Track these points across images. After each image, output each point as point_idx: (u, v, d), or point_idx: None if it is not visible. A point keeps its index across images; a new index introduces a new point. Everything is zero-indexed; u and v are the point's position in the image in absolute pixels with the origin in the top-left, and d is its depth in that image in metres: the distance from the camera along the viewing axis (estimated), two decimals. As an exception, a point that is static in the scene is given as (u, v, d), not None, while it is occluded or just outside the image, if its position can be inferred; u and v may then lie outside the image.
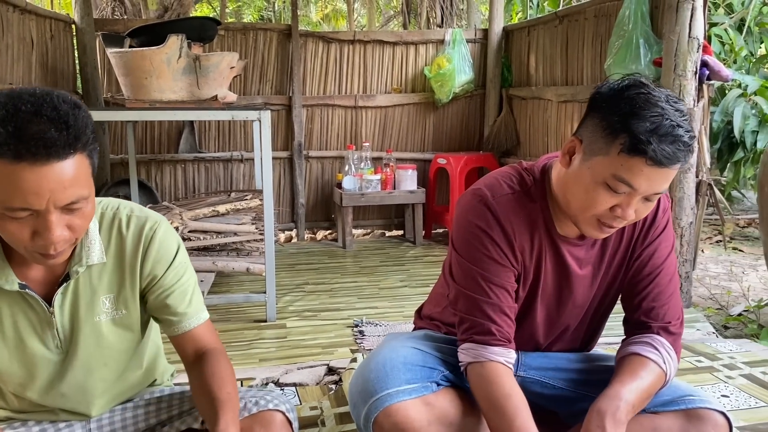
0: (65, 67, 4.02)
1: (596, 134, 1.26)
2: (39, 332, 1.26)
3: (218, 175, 4.62)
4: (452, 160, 4.50)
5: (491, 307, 1.39)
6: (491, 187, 1.42)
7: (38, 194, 1.03)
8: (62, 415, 1.38)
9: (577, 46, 3.96)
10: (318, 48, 4.66)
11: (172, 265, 1.31)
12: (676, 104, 1.23)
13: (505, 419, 1.30)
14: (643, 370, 1.36)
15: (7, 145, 1.00)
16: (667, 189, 1.48)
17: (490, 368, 1.36)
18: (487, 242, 1.39)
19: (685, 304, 3.12)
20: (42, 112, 1.02)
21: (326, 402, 2.04)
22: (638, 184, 1.23)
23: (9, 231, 1.07)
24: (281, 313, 3.03)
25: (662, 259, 1.46)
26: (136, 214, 1.31)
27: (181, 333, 1.33)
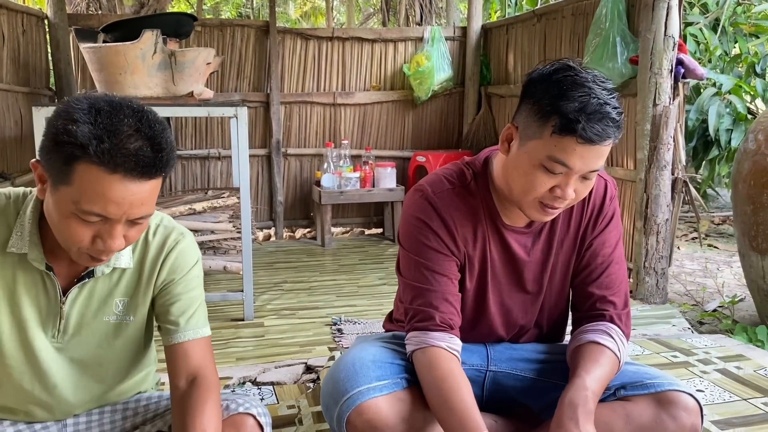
0: (38, 63, 3.94)
1: (530, 119, 1.31)
2: (43, 318, 1.26)
3: (195, 172, 4.57)
4: (431, 158, 4.50)
5: (433, 295, 1.43)
6: (432, 184, 1.48)
7: (119, 206, 1.08)
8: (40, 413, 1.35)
9: (555, 44, 3.98)
10: (296, 45, 4.63)
11: (186, 276, 1.33)
12: (603, 83, 1.28)
13: (442, 400, 1.32)
14: (603, 358, 1.40)
15: (109, 155, 1.04)
16: (614, 179, 1.52)
17: (430, 353, 1.39)
18: (428, 233, 1.44)
19: (661, 300, 3.15)
20: (141, 130, 1.07)
21: (304, 400, 2.02)
22: (573, 163, 1.27)
23: (72, 230, 1.10)
24: (259, 311, 3.01)
25: (612, 247, 1.52)
26: (165, 224, 1.34)
27: (175, 343, 1.31)
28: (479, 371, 1.58)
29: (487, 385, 1.59)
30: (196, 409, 1.23)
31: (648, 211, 3.09)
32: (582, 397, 1.30)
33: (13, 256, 1.21)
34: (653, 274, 3.13)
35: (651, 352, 2.47)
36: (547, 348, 1.62)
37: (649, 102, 3.04)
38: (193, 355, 1.31)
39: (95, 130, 1.04)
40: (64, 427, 1.38)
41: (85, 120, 1.05)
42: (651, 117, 3.04)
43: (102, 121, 1.05)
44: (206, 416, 1.23)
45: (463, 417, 1.28)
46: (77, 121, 1.04)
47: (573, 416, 1.27)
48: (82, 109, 1.06)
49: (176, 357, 1.31)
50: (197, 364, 1.30)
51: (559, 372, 1.53)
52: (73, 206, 1.08)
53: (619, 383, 1.47)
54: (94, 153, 1.04)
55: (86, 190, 1.06)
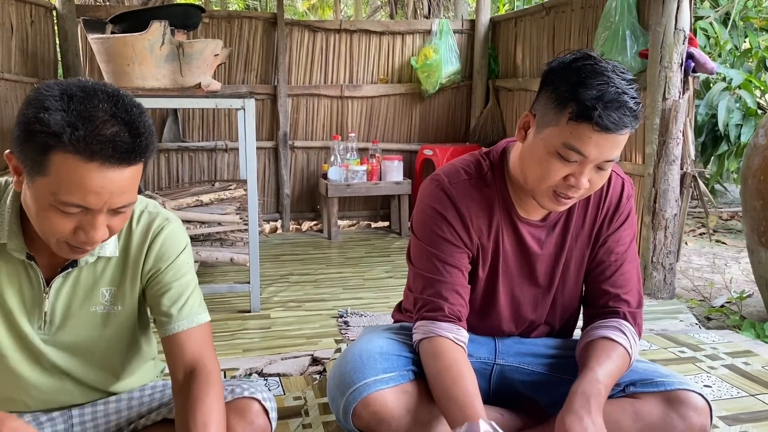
0: (46, 54, 3.95)
1: (547, 106, 1.31)
2: (27, 309, 1.24)
3: (202, 164, 4.57)
4: (438, 151, 4.49)
5: (443, 286, 1.43)
6: (448, 174, 1.48)
7: (99, 195, 1.04)
8: (43, 402, 1.35)
9: (564, 37, 3.96)
10: (304, 37, 4.62)
11: (174, 263, 1.29)
12: (623, 74, 1.28)
13: (444, 389, 1.32)
14: (615, 354, 1.40)
15: (85, 143, 1.00)
16: (631, 179, 1.51)
17: (436, 342, 1.39)
18: (442, 224, 1.44)
19: (669, 296, 3.14)
20: (117, 115, 1.03)
21: (310, 392, 2.02)
22: (588, 151, 1.26)
23: (52, 222, 1.07)
24: (265, 303, 3.01)
25: (627, 245, 1.51)
26: (149, 210, 1.30)
27: (170, 335, 1.28)
28: (486, 364, 1.58)
29: (494, 378, 1.59)
30: (196, 402, 1.20)
31: (656, 205, 3.07)
32: (595, 389, 1.30)
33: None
34: (661, 269, 3.12)
35: (658, 347, 2.46)
36: (556, 343, 1.62)
37: (659, 96, 3.01)
38: (189, 345, 1.27)
39: (68, 117, 1.00)
40: (70, 418, 1.38)
41: (57, 107, 1.01)
42: (660, 111, 3.02)
43: (75, 108, 1.01)
44: (206, 408, 1.19)
45: (464, 405, 1.28)
46: (49, 109, 1.00)
47: (585, 405, 1.27)
48: (54, 96, 1.02)
49: (172, 348, 1.28)
50: (194, 355, 1.27)
51: (567, 367, 1.52)
52: (51, 198, 1.04)
53: (629, 380, 1.47)
54: (68, 141, 1.00)
55: (63, 181, 1.02)
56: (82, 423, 1.39)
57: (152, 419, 1.39)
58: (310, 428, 1.81)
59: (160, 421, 1.38)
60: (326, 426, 1.81)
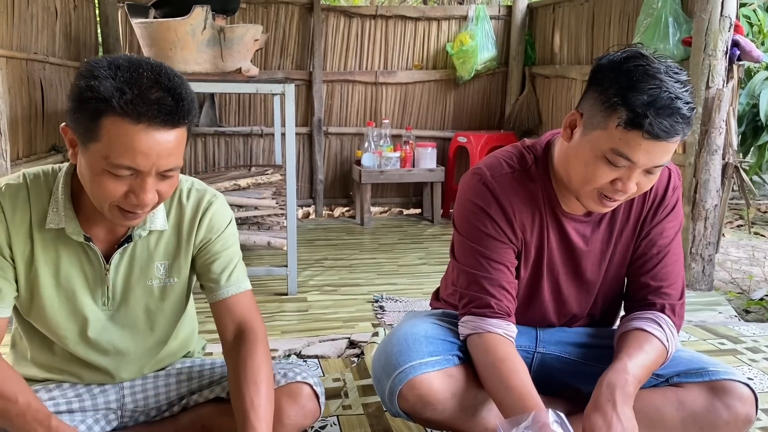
0: (87, 38, 4.02)
1: (595, 108, 1.26)
2: (90, 287, 1.31)
3: (238, 149, 4.62)
4: (473, 139, 4.47)
5: (490, 282, 1.41)
6: (491, 167, 1.44)
7: (147, 156, 1.10)
8: (97, 377, 1.40)
9: (604, 24, 3.90)
10: (339, 23, 4.62)
11: (222, 234, 1.37)
12: (676, 75, 1.22)
13: (500, 380, 1.32)
14: (648, 345, 1.38)
15: (132, 105, 1.06)
16: (678, 168, 1.48)
17: (487, 338, 1.39)
18: (485, 220, 1.41)
19: (707, 287, 3.10)
20: (160, 81, 1.10)
21: (349, 374, 2.05)
22: (637, 158, 1.23)
23: (105, 186, 1.13)
24: (302, 287, 3.05)
25: (670, 238, 1.47)
26: (196, 187, 1.38)
27: (220, 300, 1.35)
28: (527, 352, 1.58)
29: (534, 366, 1.59)
30: (246, 360, 1.28)
31: (696, 196, 3.03)
32: (621, 380, 1.28)
33: (53, 231, 1.25)
34: (700, 261, 3.08)
35: (697, 339, 2.44)
36: (597, 332, 1.60)
37: (702, 84, 2.96)
38: (237, 308, 1.35)
39: (117, 84, 1.07)
40: (121, 390, 1.44)
41: (106, 75, 1.08)
42: (703, 100, 2.96)
43: (122, 75, 1.08)
44: (256, 365, 1.27)
45: (522, 395, 1.27)
46: (98, 77, 1.07)
47: (611, 398, 1.26)
48: (102, 67, 1.09)
49: (222, 312, 1.36)
50: (242, 317, 1.35)
51: (607, 357, 1.50)
52: (104, 162, 1.10)
53: (674, 371, 1.45)
54: (117, 105, 1.06)
55: (114, 144, 1.08)
56: (133, 394, 1.44)
57: (205, 396, 1.44)
58: (350, 409, 1.84)
59: (213, 399, 1.43)
60: (366, 407, 1.84)
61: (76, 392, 1.40)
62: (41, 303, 1.28)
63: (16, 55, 2.94)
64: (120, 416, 1.44)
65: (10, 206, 1.22)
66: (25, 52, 3.06)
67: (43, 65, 3.28)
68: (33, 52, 3.18)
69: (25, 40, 3.10)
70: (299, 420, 1.38)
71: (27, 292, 1.28)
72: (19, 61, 2.99)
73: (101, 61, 1.10)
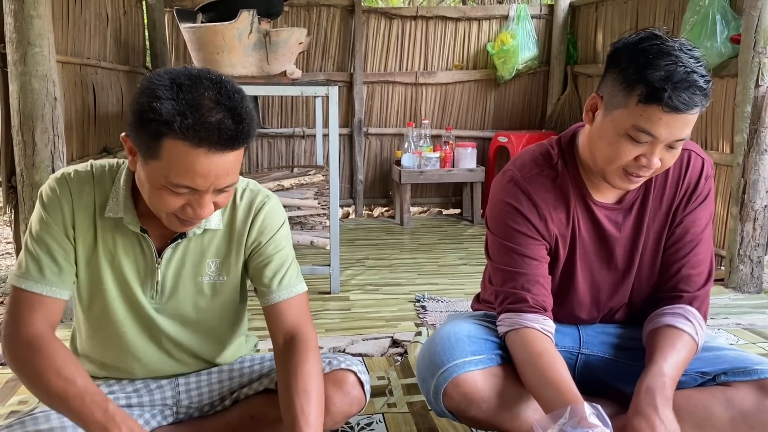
0: (136, 43, 4.13)
1: (615, 88, 1.30)
2: (142, 278, 1.34)
3: (280, 150, 4.69)
4: (513, 139, 4.45)
5: (524, 278, 1.43)
6: (520, 168, 1.48)
7: (206, 178, 1.13)
8: (151, 371, 1.44)
9: (649, 22, 3.84)
10: (380, 24, 4.66)
11: (274, 236, 1.38)
12: (690, 51, 1.25)
13: (538, 375, 1.34)
14: (680, 343, 1.38)
15: (193, 131, 1.08)
16: (709, 157, 1.48)
17: (524, 333, 1.40)
18: (517, 217, 1.44)
19: (756, 290, 3.03)
20: (221, 102, 1.11)
21: (393, 372, 2.08)
22: (658, 132, 1.26)
23: (164, 200, 1.17)
24: (344, 286, 3.09)
25: (702, 227, 1.49)
26: (251, 188, 1.39)
27: (271, 304, 1.37)
28: (571, 353, 1.58)
29: (578, 368, 1.59)
30: (296, 368, 1.27)
31: (745, 196, 2.97)
32: (660, 384, 1.29)
33: (111, 220, 1.29)
34: (748, 263, 3.02)
35: (746, 342, 2.39)
36: (638, 333, 1.60)
37: (751, 83, 2.90)
38: (288, 314, 1.35)
39: (178, 106, 1.08)
40: (177, 386, 1.47)
41: (167, 96, 1.09)
42: (752, 99, 2.90)
43: (184, 97, 1.09)
44: (306, 375, 1.26)
45: (560, 389, 1.29)
46: (160, 98, 1.08)
47: (652, 402, 1.26)
48: (164, 86, 1.10)
49: (273, 317, 1.36)
50: (293, 323, 1.35)
51: None
52: (164, 179, 1.13)
53: (720, 369, 1.44)
54: (179, 129, 1.08)
55: (174, 165, 1.11)
56: (187, 390, 1.48)
57: (254, 389, 1.47)
58: (395, 407, 1.86)
59: (262, 390, 1.46)
60: (411, 406, 1.87)
61: (134, 387, 1.44)
62: (101, 288, 1.32)
63: (71, 60, 3.05)
64: (175, 412, 1.47)
65: (78, 190, 1.28)
66: (78, 57, 3.17)
67: (95, 69, 3.39)
68: (86, 57, 3.29)
69: (79, 45, 3.21)
70: (345, 407, 1.40)
71: (88, 278, 1.32)
72: (73, 66, 3.10)
73: (163, 79, 1.11)
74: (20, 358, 1.22)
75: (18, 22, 2.29)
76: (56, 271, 1.27)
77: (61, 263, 1.28)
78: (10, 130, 2.43)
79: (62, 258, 1.28)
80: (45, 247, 1.27)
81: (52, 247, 1.27)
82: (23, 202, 2.42)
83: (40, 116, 2.36)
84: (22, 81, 2.33)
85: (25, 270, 1.26)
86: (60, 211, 1.27)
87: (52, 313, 1.26)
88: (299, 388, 1.25)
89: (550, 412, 1.26)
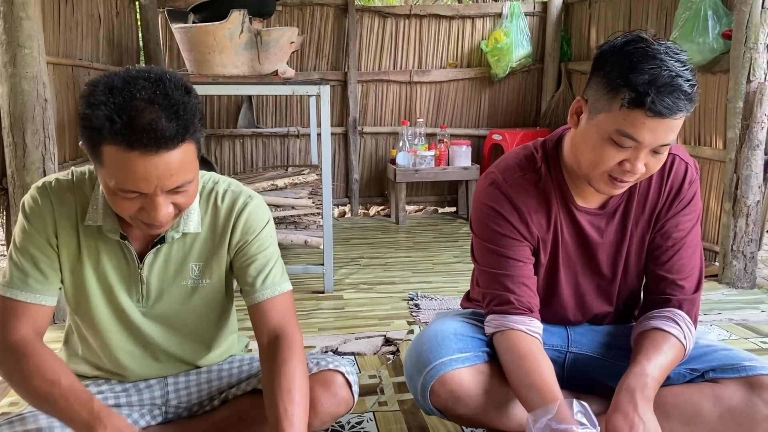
0: (129, 44, 4.13)
1: (599, 92, 1.28)
2: (126, 283, 1.34)
3: (275, 149, 4.69)
4: (508, 136, 4.45)
5: (509, 279, 1.43)
6: (503, 171, 1.47)
7: (147, 180, 1.10)
8: (140, 374, 1.45)
9: (641, 18, 3.84)
10: (374, 23, 4.66)
11: (258, 236, 1.37)
12: (676, 55, 1.24)
13: (521, 377, 1.34)
14: (666, 345, 1.37)
15: (122, 135, 1.06)
16: (695, 160, 1.48)
17: (510, 335, 1.40)
18: (499, 219, 1.44)
19: (749, 286, 3.04)
20: (155, 101, 1.07)
21: (384, 371, 2.08)
22: (642, 137, 1.24)
23: (119, 205, 1.16)
24: (338, 285, 3.09)
25: (686, 231, 1.47)
26: (233, 188, 1.38)
27: (255, 303, 1.36)
28: (560, 352, 1.58)
29: (567, 366, 1.59)
30: (280, 368, 1.26)
31: (738, 192, 2.97)
32: (641, 383, 1.28)
33: (93, 227, 1.29)
34: (741, 258, 3.02)
35: (738, 337, 2.40)
36: (626, 330, 1.59)
37: (743, 78, 2.90)
38: (272, 313, 1.34)
39: (107, 111, 1.05)
40: (166, 386, 1.47)
41: (99, 101, 1.06)
42: (744, 94, 2.90)
43: (114, 100, 1.05)
44: (290, 374, 1.25)
45: (542, 391, 1.29)
46: (92, 105, 1.06)
47: (631, 400, 1.26)
48: (99, 91, 1.07)
49: (257, 316, 1.35)
50: (278, 322, 1.34)
51: None
52: (113, 184, 1.12)
53: (709, 366, 1.45)
54: (108, 135, 1.06)
55: (115, 171, 1.09)
56: (176, 390, 1.48)
57: (242, 389, 1.47)
58: (386, 405, 1.87)
59: (250, 390, 1.46)
60: (401, 404, 1.87)
61: (123, 387, 1.45)
62: (86, 295, 1.33)
63: (62, 62, 3.05)
64: (164, 412, 1.48)
65: (58, 199, 1.28)
66: (70, 59, 3.17)
67: (88, 71, 3.38)
68: (78, 58, 3.28)
69: (71, 46, 3.21)
70: (332, 408, 1.39)
71: (73, 285, 1.33)
72: (65, 67, 3.10)
73: (99, 84, 1.08)
74: (8, 364, 1.24)
75: (7, 24, 2.29)
76: (41, 279, 1.28)
77: (46, 271, 1.28)
78: (0, 132, 2.43)
79: (46, 266, 1.28)
80: (29, 256, 1.27)
81: (35, 256, 1.27)
82: (14, 204, 2.42)
83: (31, 118, 2.36)
84: (12, 83, 2.33)
85: (9, 279, 1.27)
86: (42, 221, 1.27)
87: (37, 320, 1.28)
88: (283, 389, 1.24)
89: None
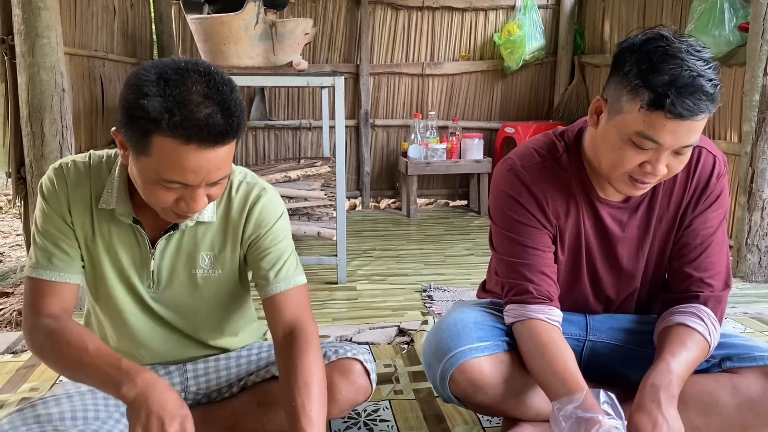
0: (143, 35, 4.15)
1: (618, 92, 1.26)
2: (138, 268, 1.36)
3: (287, 142, 4.70)
4: (520, 129, 4.44)
5: (527, 268, 1.42)
6: (521, 157, 1.45)
7: (197, 173, 1.12)
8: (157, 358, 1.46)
9: (656, 11, 3.82)
10: (386, 15, 4.65)
11: (271, 229, 1.36)
12: (698, 53, 1.20)
13: (543, 366, 1.33)
14: (691, 342, 1.35)
15: (181, 128, 1.07)
16: (725, 155, 1.44)
17: (530, 325, 1.39)
18: (517, 207, 1.42)
19: (764, 279, 3.03)
20: (210, 95, 1.09)
21: (399, 360, 2.09)
22: (663, 140, 1.21)
23: (157, 195, 1.16)
24: (351, 276, 3.10)
25: (714, 228, 1.43)
26: (247, 180, 1.38)
27: (269, 296, 1.35)
28: (578, 341, 1.58)
29: (585, 354, 1.59)
30: (296, 362, 1.25)
31: (753, 185, 2.96)
32: (665, 380, 1.27)
33: (106, 211, 1.30)
34: (756, 252, 3.01)
35: (753, 331, 2.39)
36: (645, 318, 1.59)
37: (759, 71, 2.88)
38: (286, 306, 1.33)
39: (165, 103, 1.06)
40: (185, 372, 1.49)
41: (154, 92, 1.06)
42: (760, 87, 2.89)
43: (171, 92, 1.06)
44: (306, 368, 1.24)
45: (565, 379, 1.28)
46: (147, 95, 1.06)
47: (655, 398, 1.24)
48: (151, 81, 1.07)
49: (272, 310, 1.34)
50: (292, 316, 1.33)
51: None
52: (155, 175, 1.13)
53: (725, 353, 1.43)
54: (167, 127, 1.06)
55: (165, 162, 1.10)
56: (195, 377, 1.49)
57: (261, 376, 1.48)
58: (401, 394, 1.88)
59: (269, 377, 1.47)
60: (417, 393, 1.88)
61: (141, 371, 1.46)
62: (102, 275, 1.34)
63: (78, 53, 3.07)
64: (183, 398, 1.49)
65: (74, 180, 1.29)
66: (86, 50, 3.19)
67: (103, 62, 3.41)
68: (93, 49, 3.30)
69: (86, 37, 3.22)
70: (351, 396, 1.39)
71: (90, 265, 1.35)
72: (81, 58, 3.11)
73: (149, 74, 1.09)
74: (38, 341, 1.25)
75: (26, 14, 2.30)
76: (63, 257, 1.30)
77: (67, 250, 1.30)
78: (19, 121, 2.45)
79: (66, 245, 1.30)
80: (50, 236, 1.30)
81: (55, 235, 1.30)
82: (33, 194, 2.44)
83: (49, 107, 2.38)
84: (31, 72, 2.35)
85: (35, 261, 1.30)
86: (57, 202, 1.29)
87: (64, 298, 1.30)
88: (299, 383, 1.23)
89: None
